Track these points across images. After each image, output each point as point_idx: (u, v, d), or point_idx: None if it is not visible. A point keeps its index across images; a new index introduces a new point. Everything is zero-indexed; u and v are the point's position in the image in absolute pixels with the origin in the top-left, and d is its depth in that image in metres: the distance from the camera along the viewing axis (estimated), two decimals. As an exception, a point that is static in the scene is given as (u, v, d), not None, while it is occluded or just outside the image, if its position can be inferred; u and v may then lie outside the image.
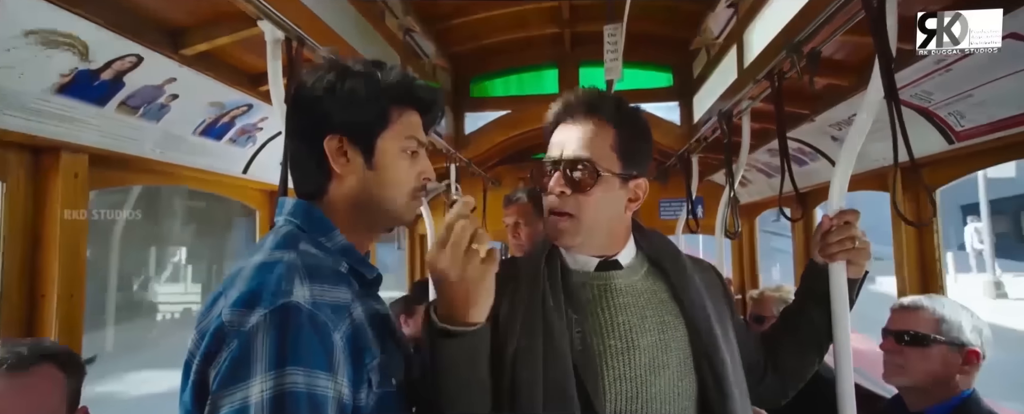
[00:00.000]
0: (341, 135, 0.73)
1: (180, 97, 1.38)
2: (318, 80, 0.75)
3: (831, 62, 1.60)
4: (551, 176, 0.87)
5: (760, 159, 2.60)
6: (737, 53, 1.93)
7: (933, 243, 1.68)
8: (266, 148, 1.92)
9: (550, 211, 0.88)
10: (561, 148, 0.88)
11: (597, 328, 0.85)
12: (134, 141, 1.36)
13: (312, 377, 0.59)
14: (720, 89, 2.21)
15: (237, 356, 0.58)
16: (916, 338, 1.19)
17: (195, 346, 0.63)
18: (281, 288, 0.61)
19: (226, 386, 0.58)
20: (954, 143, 1.47)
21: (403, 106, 0.77)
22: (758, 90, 1.68)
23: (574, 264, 0.91)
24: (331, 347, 0.62)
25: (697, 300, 0.89)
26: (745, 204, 3.18)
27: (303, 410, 0.58)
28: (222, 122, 1.64)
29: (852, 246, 0.97)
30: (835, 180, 1.07)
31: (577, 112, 0.89)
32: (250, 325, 0.59)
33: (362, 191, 0.75)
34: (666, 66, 3.03)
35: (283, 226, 0.74)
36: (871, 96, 0.97)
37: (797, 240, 2.76)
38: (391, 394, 0.70)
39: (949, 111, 1.40)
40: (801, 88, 1.91)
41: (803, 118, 1.93)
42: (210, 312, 0.64)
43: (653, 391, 0.82)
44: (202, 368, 0.61)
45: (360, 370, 0.66)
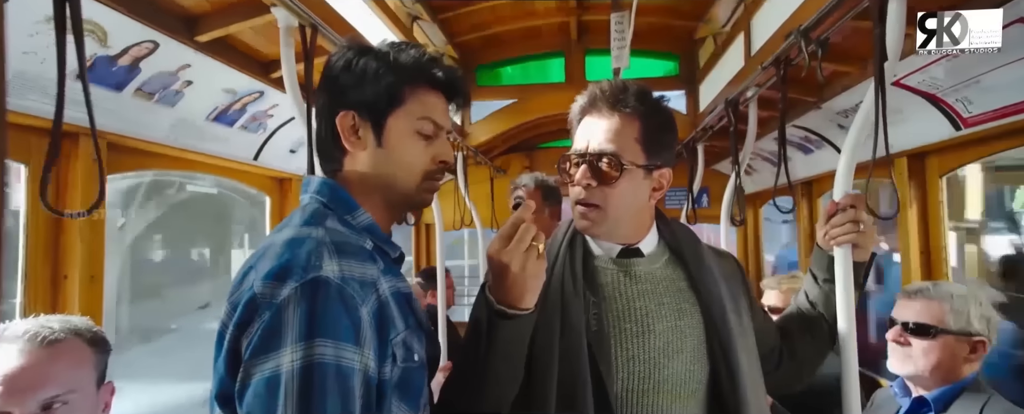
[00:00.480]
0: (354, 112, 0.75)
1: (194, 83, 1.40)
2: (339, 58, 0.77)
3: (838, 49, 1.60)
4: (577, 168, 0.90)
5: (766, 148, 2.60)
6: (744, 41, 1.94)
7: (938, 230, 1.69)
8: (276, 135, 1.94)
9: (577, 202, 0.91)
10: (587, 141, 0.89)
11: (614, 311, 0.88)
12: (150, 127, 1.39)
13: (340, 349, 0.61)
14: (726, 77, 2.21)
15: (268, 326, 0.61)
16: (923, 328, 1.19)
17: (228, 317, 0.66)
18: (311, 263, 0.63)
19: (258, 355, 0.60)
20: (961, 129, 1.48)
21: (418, 85, 0.77)
22: (765, 77, 1.69)
23: (597, 249, 0.94)
24: (358, 321, 0.64)
25: (714, 289, 0.91)
26: (750, 194, 3.18)
27: (330, 381, 0.60)
28: (234, 109, 1.66)
29: (856, 230, 0.98)
30: (841, 166, 1.08)
31: (603, 105, 0.90)
32: (281, 297, 0.61)
33: (372, 169, 0.76)
34: (672, 55, 3.03)
35: (309, 203, 0.76)
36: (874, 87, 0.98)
37: (801, 229, 2.77)
38: (414, 369, 0.72)
39: (957, 97, 1.40)
40: (808, 75, 1.91)
41: (810, 106, 1.94)
42: (242, 284, 0.66)
43: (666, 373, 0.86)
44: (235, 337, 0.63)
45: (385, 344, 0.68)
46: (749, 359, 0.90)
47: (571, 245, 0.94)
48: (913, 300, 1.23)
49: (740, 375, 0.86)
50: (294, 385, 0.59)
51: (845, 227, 0.99)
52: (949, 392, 1.18)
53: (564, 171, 0.93)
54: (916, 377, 1.22)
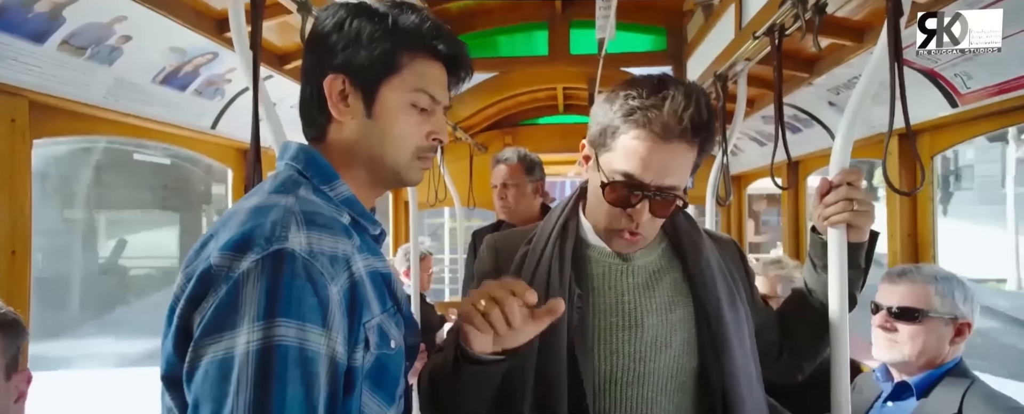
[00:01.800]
0: (343, 76, 0.69)
1: (133, 39, 1.26)
2: (330, 16, 0.70)
3: (833, 20, 1.51)
4: (636, 198, 0.82)
5: (753, 126, 2.53)
6: (735, 10, 1.84)
7: (927, 212, 1.64)
8: (237, 102, 1.80)
9: (624, 229, 0.85)
10: (652, 173, 0.81)
11: (602, 305, 0.86)
12: (83, 86, 1.25)
13: (304, 331, 0.55)
14: (715, 51, 2.12)
15: (224, 302, 0.55)
16: (909, 312, 1.16)
17: (180, 289, 0.59)
18: (276, 233, 0.57)
19: (210, 334, 0.54)
20: (957, 107, 1.41)
21: (417, 53, 0.70)
22: (756, 50, 1.60)
23: (592, 238, 0.90)
24: (327, 300, 0.58)
25: (709, 282, 0.88)
26: (735, 174, 3.13)
27: (292, 366, 0.54)
28: (185, 71, 1.52)
29: (850, 208, 0.90)
30: (838, 141, 1.00)
31: (675, 135, 0.79)
32: (240, 270, 0.55)
33: (359, 141, 0.70)
34: (659, 28, 2.93)
35: (283, 170, 0.70)
36: (880, 54, 0.91)
37: (787, 211, 2.73)
38: (389, 357, 0.66)
39: (956, 72, 1.33)
40: (799, 50, 1.84)
41: (800, 82, 1.86)
42: (199, 254, 0.60)
43: (652, 367, 0.84)
44: (186, 312, 0.57)
45: (357, 328, 0.62)
46: (743, 353, 0.86)
47: (563, 233, 0.89)
48: (897, 284, 1.19)
49: (734, 370, 0.84)
50: (249, 369, 0.53)
51: (839, 205, 0.91)
52: (932, 376, 1.16)
53: (619, 198, 0.83)
54: (902, 363, 1.19)
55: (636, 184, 0.81)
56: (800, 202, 2.64)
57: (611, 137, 0.83)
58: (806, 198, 2.62)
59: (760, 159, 2.79)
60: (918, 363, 1.16)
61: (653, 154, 0.80)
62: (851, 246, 0.92)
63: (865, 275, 0.97)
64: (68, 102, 1.25)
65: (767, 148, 2.48)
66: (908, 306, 1.16)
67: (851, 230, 0.93)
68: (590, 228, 0.91)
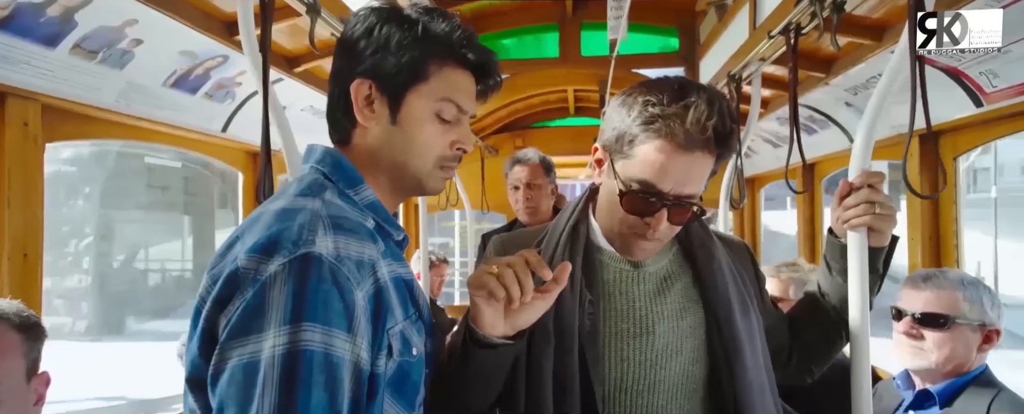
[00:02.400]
0: (370, 81, 0.69)
1: (144, 43, 1.27)
2: (360, 21, 0.71)
3: (851, 18, 1.47)
4: (654, 206, 0.80)
5: (767, 128, 2.49)
6: (750, 10, 1.81)
7: (950, 216, 1.59)
8: (247, 105, 1.81)
9: (637, 234, 0.83)
10: (671, 182, 0.78)
11: (614, 311, 0.84)
12: (95, 90, 1.26)
13: (329, 336, 0.55)
14: (729, 51, 2.08)
15: (251, 305, 0.55)
16: (936, 319, 1.11)
17: (206, 291, 0.60)
18: (303, 237, 0.57)
19: (236, 337, 0.54)
20: (982, 106, 1.37)
21: (446, 62, 0.70)
22: (771, 50, 1.57)
23: (603, 243, 0.89)
24: (352, 305, 0.58)
25: (720, 289, 0.86)
26: (749, 176, 3.08)
27: (317, 371, 0.54)
28: (195, 74, 1.52)
29: (872, 211, 0.87)
30: (858, 141, 0.97)
31: (697, 145, 0.77)
32: (267, 273, 0.55)
33: (383, 147, 0.70)
34: (671, 28, 2.89)
35: (309, 174, 0.70)
36: (901, 52, 0.88)
37: (801, 214, 2.68)
38: (411, 364, 0.66)
39: (981, 70, 1.29)
40: (815, 49, 1.80)
41: (815, 82, 1.82)
42: (225, 256, 0.61)
43: (663, 374, 0.83)
44: (212, 314, 0.57)
45: (381, 334, 0.62)
46: (755, 360, 0.85)
47: (573, 236, 0.88)
48: (922, 289, 1.14)
49: (745, 377, 0.82)
50: (275, 373, 0.53)
51: (860, 208, 0.88)
52: (956, 385, 1.12)
53: (637, 207, 0.81)
54: (927, 371, 1.14)
55: (655, 193, 0.79)
56: (816, 205, 2.58)
57: (628, 144, 0.80)
58: (822, 201, 2.56)
59: (774, 161, 2.74)
60: (944, 371, 1.12)
61: (674, 164, 0.77)
62: (872, 250, 0.89)
63: (882, 280, 0.94)
64: (80, 105, 1.26)
65: (781, 150, 2.43)
66: (935, 312, 1.11)
67: (872, 234, 0.90)
68: (600, 231, 0.89)
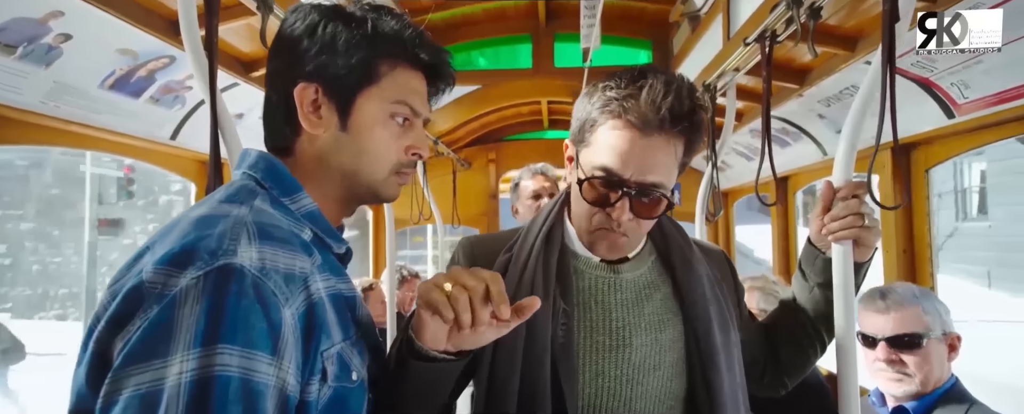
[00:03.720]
0: (316, 85, 0.63)
1: (74, 38, 1.15)
2: (301, 19, 0.65)
3: (824, 28, 1.46)
4: (616, 195, 0.75)
5: (741, 141, 2.48)
6: (723, 20, 1.79)
7: (924, 228, 1.58)
8: (199, 111, 1.69)
9: (603, 228, 0.78)
10: (631, 167, 0.74)
11: (589, 322, 0.80)
12: (14, 89, 1.13)
13: (250, 359, 0.48)
14: (702, 63, 2.07)
15: (154, 324, 0.48)
16: (911, 340, 1.10)
17: (102, 308, 0.52)
18: (223, 246, 0.51)
19: (134, 362, 0.47)
20: (954, 118, 1.36)
21: (398, 63, 0.66)
22: (745, 59, 1.54)
23: (579, 249, 0.84)
24: (278, 324, 0.51)
25: (700, 302, 0.82)
26: (724, 189, 3.07)
27: (233, 401, 0.47)
28: (138, 75, 1.41)
29: (861, 223, 0.83)
30: (840, 152, 0.93)
31: (654, 126, 0.73)
32: (177, 288, 0.49)
33: (332, 155, 0.65)
34: (644, 41, 2.89)
35: (239, 179, 0.64)
36: (880, 62, 0.86)
37: (775, 227, 2.67)
38: (350, 390, 0.60)
39: (953, 81, 1.28)
40: (789, 59, 1.79)
41: (789, 93, 1.81)
42: (131, 269, 0.54)
43: (640, 390, 0.78)
44: (105, 336, 0.50)
45: (313, 357, 0.56)
46: (731, 376, 0.81)
47: (548, 241, 0.83)
48: (886, 312, 1.13)
49: (720, 394, 0.78)
50: (180, 405, 0.45)
51: (847, 220, 0.84)
52: (929, 400, 1.11)
53: (594, 195, 0.77)
54: (913, 394, 1.12)
55: (615, 181, 0.75)
56: (789, 218, 2.58)
57: (589, 131, 0.78)
58: (795, 214, 2.56)
59: (748, 174, 2.73)
60: (927, 390, 1.10)
61: (631, 147, 0.74)
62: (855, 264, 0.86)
63: (857, 292, 0.91)
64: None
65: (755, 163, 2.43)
66: (908, 333, 1.10)
67: (857, 248, 0.86)
68: (576, 236, 0.84)
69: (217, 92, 1.00)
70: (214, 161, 0.99)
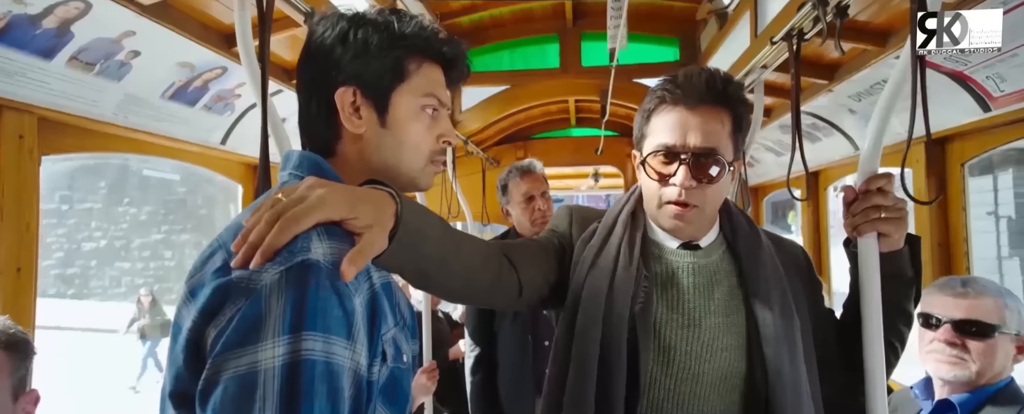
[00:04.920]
0: (354, 87, 0.68)
1: (142, 54, 1.26)
2: (330, 28, 0.69)
3: (854, 24, 1.46)
4: (673, 166, 0.85)
5: (770, 136, 2.47)
6: (751, 18, 1.80)
7: (960, 221, 1.56)
8: (247, 117, 1.80)
9: (672, 202, 0.86)
10: (684, 136, 0.84)
11: (665, 301, 0.87)
12: (92, 103, 1.25)
13: (330, 344, 0.53)
14: (730, 60, 2.08)
15: (247, 316, 0.53)
16: (982, 327, 1.06)
17: (187, 301, 0.58)
18: (298, 245, 0.55)
19: (232, 349, 0.52)
20: (990, 111, 1.35)
21: (422, 59, 0.71)
22: (773, 57, 1.56)
23: (654, 235, 0.92)
24: (352, 312, 0.56)
25: (763, 289, 0.87)
26: (754, 185, 3.06)
27: (319, 381, 0.52)
28: (194, 86, 1.52)
29: (878, 215, 0.85)
30: (866, 147, 0.94)
31: (697, 97, 0.84)
32: (263, 283, 0.53)
33: (375, 151, 0.69)
34: (671, 39, 2.89)
35: (289, 181, 0.67)
36: (908, 56, 0.87)
37: (806, 223, 2.65)
38: (402, 371, 0.65)
39: (988, 74, 1.27)
40: (818, 55, 1.79)
41: (818, 89, 1.81)
42: (205, 266, 0.59)
43: (707, 367, 0.85)
44: (199, 326, 0.55)
45: (376, 341, 0.61)
46: (792, 361, 0.85)
47: (633, 218, 0.93)
48: (965, 297, 1.09)
49: (778, 377, 0.83)
50: (275, 386, 0.51)
51: (864, 214, 0.86)
52: (980, 396, 1.07)
53: (653, 168, 0.87)
54: (964, 381, 1.08)
55: (672, 152, 0.84)
56: (821, 214, 2.55)
57: (645, 124, 0.89)
58: (827, 210, 2.54)
59: (778, 170, 2.72)
60: (979, 382, 1.07)
61: (680, 120, 0.84)
62: (891, 255, 0.87)
63: (917, 285, 0.91)
64: (77, 118, 1.25)
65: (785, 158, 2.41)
66: (981, 320, 1.06)
67: (882, 239, 0.87)
68: (654, 225, 0.93)
69: (268, 98, 1.08)
70: (264, 163, 1.06)
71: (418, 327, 0.86)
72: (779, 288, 0.88)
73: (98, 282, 13.24)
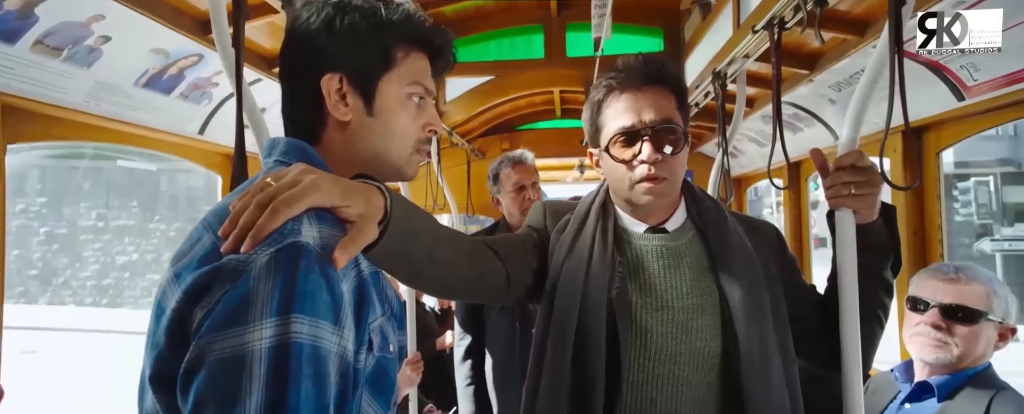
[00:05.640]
0: (340, 74, 0.67)
1: (113, 40, 1.22)
2: (315, 14, 0.69)
3: (833, 13, 1.47)
4: (638, 144, 0.89)
5: (753, 127, 2.49)
6: (733, 7, 1.81)
7: (934, 209, 1.59)
8: (225, 106, 1.77)
9: (645, 178, 0.89)
10: (639, 115, 0.89)
11: (637, 285, 0.90)
12: (60, 89, 1.21)
13: (317, 328, 0.53)
14: (713, 50, 2.08)
15: (234, 298, 0.52)
16: (968, 313, 1.09)
17: (173, 284, 0.57)
18: (289, 227, 0.54)
19: (219, 330, 0.51)
20: (964, 100, 1.37)
21: (409, 47, 0.70)
22: (755, 46, 1.56)
23: (626, 223, 0.96)
24: (340, 297, 0.55)
25: (732, 267, 0.90)
26: (736, 176, 3.09)
27: (305, 364, 0.51)
28: (169, 73, 1.48)
29: (848, 192, 0.86)
30: (844, 136, 0.95)
31: (641, 79, 0.91)
32: (253, 264, 0.52)
33: (361, 139, 0.69)
34: (655, 30, 2.89)
35: (274, 168, 0.66)
36: (884, 46, 0.88)
37: (788, 212, 2.68)
38: (389, 361, 0.65)
39: (962, 63, 1.29)
40: (799, 45, 1.81)
41: (799, 79, 1.82)
42: (193, 248, 0.58)
43: (682, 347, 0.87)
44: (185, 308, 0.54)
45: (363, 329, 0.60)
46: (762, 339, 0.87)
47: (604, 210, 0.96)
48: (955, 282, 1.11)
49: (749, 354, 0.86)
50: (262, 367, 0.50)
51: (835, 189, 0.88)
52: (957, 379, 1.10)
53: (619, 151, 0.91)
54: (946, 364, 1.11)
55: (632, 132, 0.89)
56: (802, 203, 2.59)
57: (598, 116, 0.94)
58: (808, 200, 2.57)
59: (761, 160, 2.74)
60: (959, 366, 1.10)
61: (631, 102, 0.90)
62: (864, 227, 0.89)
63: (895, 256, 0.92)
64: (45, 105, 1.21)
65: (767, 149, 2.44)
66: (968, 306, 1.09)
67: (856, 213, 0.89)
68: (623, 212, 0.96)
69: (243, 86, 1.06)
70: (239, 153, 1.04)
71: (404, 318, 0.85)
72: (748, 266, 0.90)
73: (131, 292, 14.74)
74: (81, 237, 11.21)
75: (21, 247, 11.18)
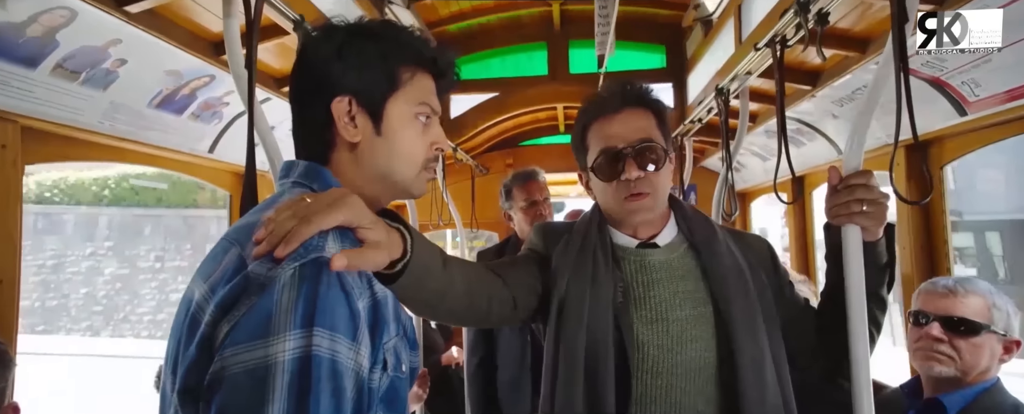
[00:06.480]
0: (349, 97, 0.69)
1: (129, 62, 1.25)
2: (325, 39, 0.71)
3: (835, 31, 1.50)
4: (623, 162, 0.94)
5: (756, 142, 2.51)
6: (735, 25, 1.84)
7: (941, 224, 1.60)
8: (235, 125, 1.79)
9: (630, 195, 0.94)
10: (619, 136, 0.95)
11: (634, 298, 0.93)
12: (77, 111, 1.23)
13: (335, 342, 0.54)
14: (715, 67, 2.11)
15: (259, 310, 0.53)
16: (970, 326, 1.09)
17: (205, 298, 0.58)
18: (314, 242, 0.56)
19: (243, 342, 0.52)
20: (966, 115, 1.38)
21: (414, 68, 0.73)
22: (757, 63, 1.59)
23: (620, 239, 1.00)
24: (358, 313, 0.57)
25: (722, 279, 0.93)
26: (740, 190, 3.09)
27: (325, 377, 0.52)
28: (181, 94, 1.51)
29: (859, 209, 0.87)
30: (847, 150, 0.97)
31: (620, 103, 0.97)
32: (278, 278, 0.54)
33: (370, 159, 0.71)
34: (658, 46, 2.93)
35: (294, 189, 0.69)
36: (887, 62, 0.88)
37: (793, 226, 2.68)
38: (401, 381, 0.66)
39: (963, 79, 1.31)
40: (801, 62, 1.83)
41: (802, 95, 1.84)
42: (220, 263, 0.59)
43: (679, 359, 0.90)
44: (216, 320, 0.55)
45: (377, 348, 0.61)
46: (755, 349, 0.89)
47: (600, 228, 1.00)
48: (954, 296, 1.12)
49: (742, 360, 0.88)
50: (285, 379, 0.51)
51: (846, 206, 0.87)
52: (967, 396, 1.09)
53: (604, 171, 0.96)
54: (949, 379, 1.10)
55: (614, 152, 0.94)
56: (807, 217, 2.59)
57: (581, 142, 1.00)
58: (813, 213, 2.58)
59: (764, 175, 2.75)
60: (965, 380, 1.10)
61: (611, 125, 0.96)
62: (870, 244, 0.89)
63: (890, 273, 0.93)
64: (61, 127, 1.23)
65: (771, 163, 2.45)
66: (969, 319, 1.09)
67: (863, 230, 0.89)
68: (615, 230, 1.01)
69: (255, 106, 1.08)
70: (250, 171, 1.04)
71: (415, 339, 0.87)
72: (739, 278, 0.93)
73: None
74: (140, 277, 11.82)
75: (88, 286, 11.65)
